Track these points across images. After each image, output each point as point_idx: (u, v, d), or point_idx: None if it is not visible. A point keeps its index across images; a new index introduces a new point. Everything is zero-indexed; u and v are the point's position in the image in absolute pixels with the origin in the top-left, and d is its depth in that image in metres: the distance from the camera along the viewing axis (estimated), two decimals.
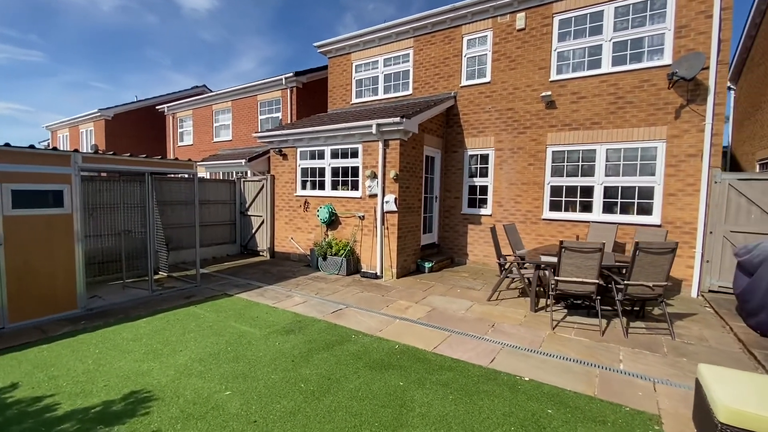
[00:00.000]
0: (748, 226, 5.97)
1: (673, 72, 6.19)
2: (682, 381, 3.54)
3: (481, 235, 8.52)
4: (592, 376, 3.63)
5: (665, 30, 6.54)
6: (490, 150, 8.34)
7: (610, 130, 7.02)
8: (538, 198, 7.80)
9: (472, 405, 3.08)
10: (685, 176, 6.46)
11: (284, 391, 3.24)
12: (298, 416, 2.90)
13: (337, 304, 5.68)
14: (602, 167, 7.16)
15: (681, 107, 6.44)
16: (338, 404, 3.07)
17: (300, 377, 3.49)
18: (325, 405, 3.05)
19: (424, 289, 6.62)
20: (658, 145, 6.67)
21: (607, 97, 7.04)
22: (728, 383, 2.50)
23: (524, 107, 7.87)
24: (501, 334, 4.63)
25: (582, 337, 4.61)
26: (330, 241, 7.77)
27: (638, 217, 6.89)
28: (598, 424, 2.86)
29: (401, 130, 6.97)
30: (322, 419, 2.87)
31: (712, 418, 2.36)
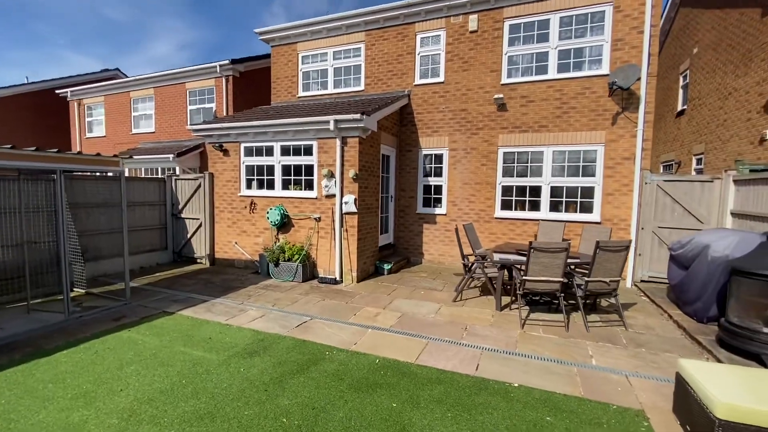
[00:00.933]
0: (673, 222, 6.72)
1: (612, 81, 6.72)
2: (649, 372, 3.78)
3: (436, 234, 8.55)
4: (573, 375, 3.71)
5: (603, 42, 7.08)
6: (444, 150, 8.39)
7: (556, 133, 7.44)
8: (491, 197, 8.03)
9: (473, 421, 2.93)
10: (621, 177, 7.08)
11: (264, 430, 2.79)
12: None
13: (300, 316, 5.21)
14: (549, 168, 7.58)
15: (617, 114, 7.04)
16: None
17: (279, 410, 3.04)
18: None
19: (387, 292, 6.40)
20: (598, 149, 7.23)
21: (553, 102, 7.44)
22: (715, 378, 2.66)
23: (477, 108, 8.02)
24: (476, 338, 4.59)
25: (550, 334, 4.76)
26: (282, 246, 7.18)
27: (581, 215, 7.42)
28: (596, 426, 2.89)
29: (361, 128, 6.64)
30: None
31: (707, 414, 2.47)
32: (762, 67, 7.39)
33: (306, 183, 7.34)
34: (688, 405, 2.77)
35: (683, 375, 2.90)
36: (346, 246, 6.95)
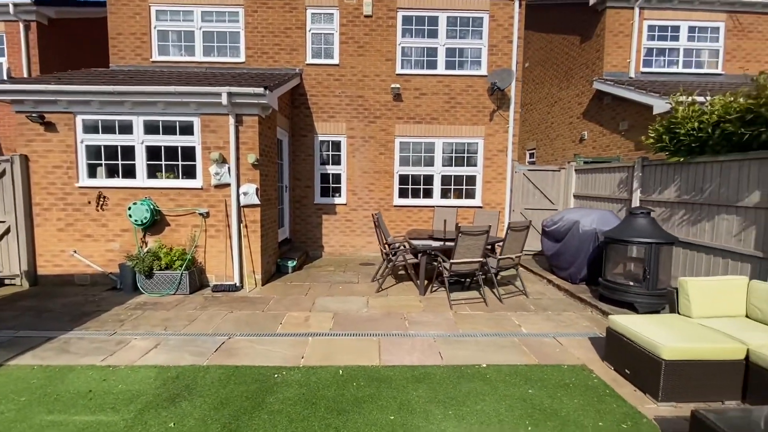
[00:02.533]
0: (535, 204, 8.17)
1: (493, 82, 7.63)
2: (566, 331, 4.47)
3: (336, 225, 8.17)
4: (518, 345, 4.07)
5: (482, 46, 7.94)
6: (342, 137, 8.03)
7: (446, 126, 8.03)
8: (389, 186, 8.14)
9: (475, 414, 2.86)
10: (497, 167, 8.18)
11: None
12: None
13: (212, 337, 4.14)
14: (440, 158, 8.15)
15: (494, 111, 8.05)
16: None
17: None
18: None
19: (303, 293, 5.75)
20: (479, 141, 8.14)
21: (443, 96, 7.98)
22: (646, 328, 3.28)
23: (374, 96, 7.93)
24: (419, 325, 4.56)
25: (476, 310, 5.12)
26: (156, 251, 5.58)
27: (467, 200, 8.27)
28: (566, 387, 3.22)
29: (262, 104, 5.66)
30: None
31: (652, 357, 3.03)
32: (581, 82, 9.68)
33: (185, 170, 5.87)
34: (626, 353, 3.36)
35: (616, 329, 3.50)
36: (246, 245, 5.90)
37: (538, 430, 2.67)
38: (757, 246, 4.08)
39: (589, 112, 9.31)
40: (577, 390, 3.19)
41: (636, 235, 4.70)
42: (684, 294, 3.66)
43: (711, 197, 4.66)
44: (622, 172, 6.33)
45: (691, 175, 4.95)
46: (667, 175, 5.37)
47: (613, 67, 8.58)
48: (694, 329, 3.26)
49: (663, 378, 2.97)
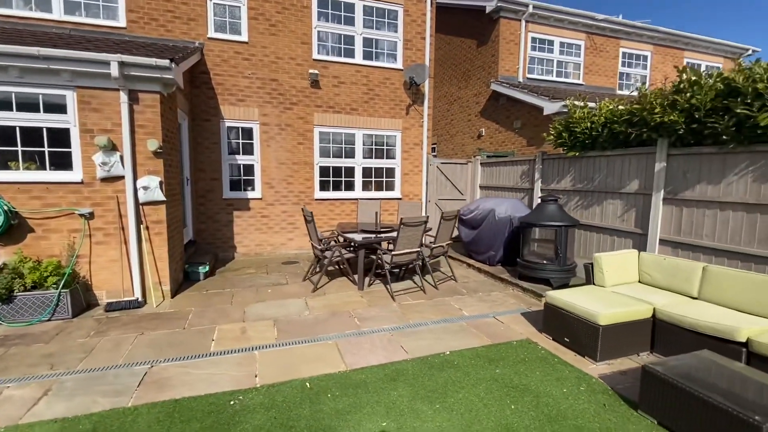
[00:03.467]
0: (447, 195, 8.71)
1: (411, 76, 7.80)
2: (500, 309, 4.88)
3: (251, 222, 7.37)
4: (468, 328, 4.28)
5: (397, 40, 8.04)
6: (255, 123, 7.23)
7: (365, 117, 7.93)
8: (310, 178, 7.69)
9: (460, 402, 2.88)
10: (413, 160, 8.45)
11: None
12: None
13: (127, 369, 3.29)
14: (361, 150, 8.03)
15: (409, 106, 8.26)
16: None
17: None
18: None
19: (227, 301, 5.03)
20: (397, 134, 8.28)
21: (362, 87, 7.85)
22: (579, 299, 3.77)
23: (290, 81, 7.33)
24: (371, 321, 4.42)
25: (417, 299, 5.22)
26: (16, 266, 4.17)
27: (387, 192, 8.36)
28: (522, 362, 3.50)
29: (165, 80, 4.68)
30: None
31: (590, 324, 3.50)
32: (478, 83, 10.62)
33: (55, 159, 4.50)
34: (564, 324, 3.81)
35: (554, 303, 3.93)
36: (149, 250, 4.86)
37: (520, 406, 2.83)
38: (637, 224, 5.08)
39: (486, 110, 10.32)
40: (533, 363, 3.49)
41: (548, 220, 5.38)
42: (598, 267, 4.33)
43: (600, 185, 5.62)
44: (524, 165, 7.19)
45: (583, 167, 5.88)
46: (563, 167, 6.28)
47: (506, 71, 9.66)
48: (614, 297, 3.88)
49: (600, 341, 3.47)
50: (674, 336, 3.49)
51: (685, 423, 2.46)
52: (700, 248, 4.35)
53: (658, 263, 4.26)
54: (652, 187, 4.82)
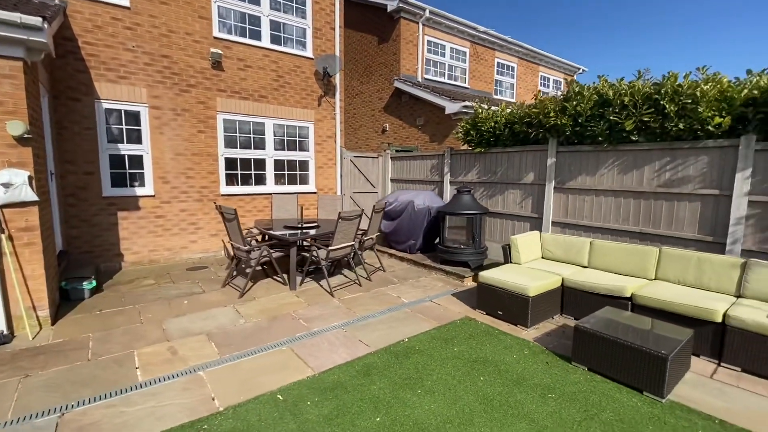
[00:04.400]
0: (360, 188, 8.82)
1: (324, 67, 7.58)
2: (433, 293, 5.24)
3: (143, 225, 6.20)
4: (415, 314, 4.50)
5: (307, 27, 7.71)
6: (143, 106, 6.05)
7: (276, 106, 7.42)
8: (214, 171, 6.84)
9: (438, 384, 3.05)
10: (327, 153, 8.29)
11: None
12: None
13: (28, 424, 2.48)
14: (271, 141, 7.49)
15: (321, 97, 8.05)
16: None
17: None
18: None
19: (134, 320, 4.18)
20: (309, 126, 7.99)
21: (270, 73, 7.30)
22: (508, 277, 4.33)
23: (186, 59, 6.35)
24: (318, 321, 4.26)
25: (355, 292, 5.22)
26: None
27: (301, 186, 8.02)
28: (471, 338, 3.87)
29: (31, 43, 3.55)
30: None
31: (522, 297, 4.07)
32: (380, 80, 10.91)
33: None
34: (497, 299, 4.33)
35: (487, 282, 4.43)
36: (15, 267, 3.68)
37: (487, 377, 3.15)
38: (533, 210, 6.04)
39: (389, 107, 10.74)
40: (481, 338, 3.90)
41: (465, 208, 5.98)
42: (515, 248, 5.03)
43: (502, 177, 6.47)
44: (434, 160, 7.78)
45: (488, 161, 6.68)
46: (470, 162, 7.01)
47: (407, 70, 10.19)
48: (532, 272, 4.57)
49: (530, 310, 4.07)
50: (578, 299, 4.32)
51: (609, 365, 3.11)
52: (582, 227, 5.44)
53: (556, 241, 5.18)
54: (545, 178, 5.79)
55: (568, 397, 2.87)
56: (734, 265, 3.76)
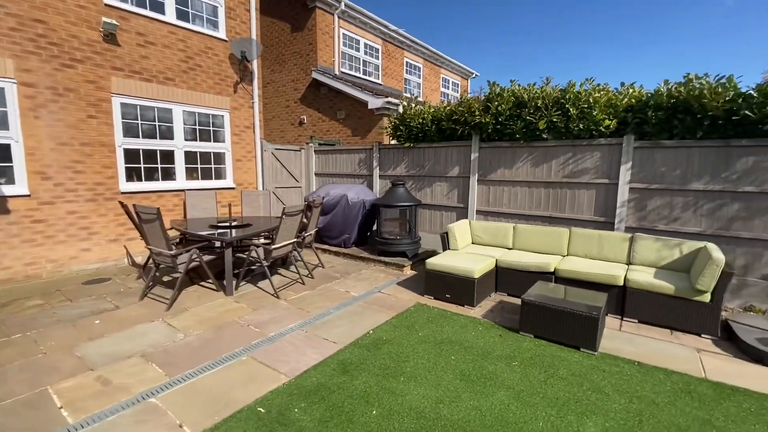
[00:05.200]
0: (283, 183, 8.38)
1: (242, 51, 6.94)
2: (380, 284, 5.34)
3: (15, 232, 4.88)
4: (370, 306, 4.53)
5: (218, 5, 6.95)
6: (9, 82, 4.72)
7: (185, 91, 6.55)
8: (111, 165, 5.74)
9: (418, 368, 3.16)
10: (246, 144, 7.66)
11: None
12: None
13: None
14: (181, 130, 6.60)
15: (237, 83, 7.37)
16: None
17: None
18: None
19: (33, 351, 3.33)
20: (225, 114, 7.26)
21: (178, 53, 6.40)
22: (453, 262, 4.66)
23: (68, 28, 5.15)
24: (271, 325, 3.99)
25: (300, 291, 5.01)
26: None
27: (217, 181, 7.26)
28: (433, 320, 4.08)
29: None
30: None
31: (468, 279, 4.43)
32: (295, 69, 10.40)
33: None
34: (445, 283, 4.63)
35: (435, 269, 4.70)
36: None
37: (457, 355, 3.37)
38: (459, 201, 6.57)
39: (307, 98, 10.36)
40: (439, 320, 4.13)
41: (401, 200, 6.19)
42: (452, 235, 5.42)
43: (430, 171, 6.87)
44: (362, 153, 7.83)
45: (416, 155, 7.01)
46: (398, 156, 7.26)
47: (324, 62, 9.97)
48: (470, 256, 4.99)
49: (476, 292, 4.46)
50: (510, 277, 4.89)
51: (552, 330, 3.62)
52: (502, 214, 6.13)
53: (484, 227, 5.75)
54: (469, 171, 6.34)
55: (528, 362, 3.27)
56: (624, 239, 4.72)
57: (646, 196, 4.96)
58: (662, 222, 4.89)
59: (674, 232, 4.77)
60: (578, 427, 2.45)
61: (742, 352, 3.47)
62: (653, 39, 35.00)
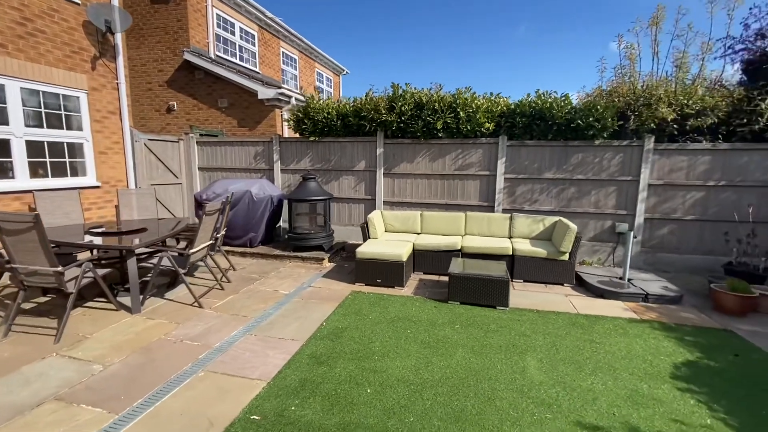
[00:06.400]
0: (159, 179, 7.23)
1: (107, 21, 5.67)
2: (306, 279, 5.35)
3: None
4: (308, 300, 4.54)
5: None
6: None
7: (23, 62, 5.03)
8: None
9: (384, 346, 3.45)
10: (111, 134, 6.33)
11: None
12: None
13: None
14: (20, 113, 5.06)
15: (96, 59, 6.01)
16: None
17: None
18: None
19: None
20: (81, 96, 5.85)
21: (11, 12, 4.85)
22: (383, 248, 5.04)
23: None
24: (210, 336, 3.65)
25: (223, 298, 4.63)
26: None
27: (73, 179, 5.83)
28: (374, 304, 4.40)
29: None
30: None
31: (398, 263, 4.89)
32: (159, 47, 8.83)
33: None
34: (376, 269, 4.99)
35: (365, 257, 5.02)
36: None
37: (412, 329, 3.79)
38: (367, 193, 6.97)
39: (177, 82, 8.99)
40: (380, 303, 4.47)
41: (314, 194, 6.22)
42: (372, 225, 5.79)
43: (336, 165, 7.05)
44: (258, 146, 7.41)
45: (321, 149, 7.07)
46: (301, 150, 7.18)
47: (197, 43, 8.86)
48: (392, 243, 5.47)
49: (404, 273, 4.96)
50: (424, 258, 5.57)
51: (474, 295, 4.40)
52: (406, 204, 6.82)
53: (395, 216, 6.31)
54: (375, 165, 6.80)
55: (466, 323, 3.94)
56: (506, 218, 5.94)
57: (515, 184, 6.33)
58: (527, 203, 6.33)
59: (536, 210, 6.25)
60: (523, 363, 3.18)
61: (590, 292, 4.93)
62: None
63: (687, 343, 3.59)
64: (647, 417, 2.53)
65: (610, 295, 4.74)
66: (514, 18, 39.47)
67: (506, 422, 2.46)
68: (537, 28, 40.76)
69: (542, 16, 38.13)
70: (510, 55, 41.51)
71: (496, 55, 41.27)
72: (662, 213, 5.91)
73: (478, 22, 39.74)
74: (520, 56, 41.91)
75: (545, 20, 37.97)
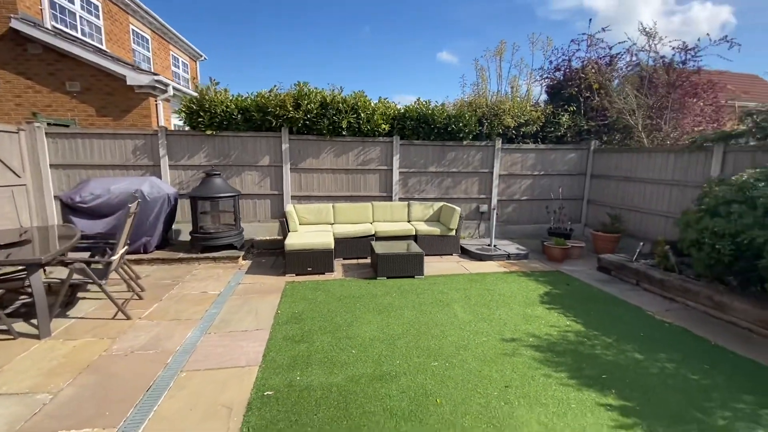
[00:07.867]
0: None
1: None
2: (230, 278, 5.28)
3: None
4: (249, 295, 4.62)
5: None
6: None
7: None
8: None
9: (346, 324, 3.97)
10: None
11: None
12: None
13: None
14: None
15: None
16: None
17: None
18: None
19: None
20: None
21: None
22: (312, 238, 5.41)
23: None
24: (164, 342, 3.52)
25: (149, 307, 4.30)
26: None
27: None
28: (314, 290, 4.81)
29: None
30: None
31: (328, 251, 5.37)
32: None
33: None
34: (305, 259, 5.35)
35: (294, 248, 5.32)
36: None
37: (359, 304, 4.40)
38: (273, 188, 7.05)
39: None
40: (321, 288, 4.90)
41: (221, 191, 6.01)
42: (291, 218, 6.03)
43: (237, 160, 6.87)
44: (138, 140, 6.55)
45: (219, 144, 6.76)
46: (195, 144, 6.71)
47: (27, 9, 7.00)
48: (314, 233, 5.86)
49: (333, 260, 5.48)
50: (344, 244, 6.17)
51: (397, 269, 5.27)
52: (314, 197, 7.22)
53: (308, 209, 6.67)
54: (281, 161, 6.96)
55: (400, 292, 4.78)
56: (404, 206, 7.02)
57: (407, 177, 7.49)
58: (417, 193, 7.58)
59: (424, 198, 7.55)
60: (452, 311, 4.21)
61: (473, 258, 6.43)
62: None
63: (540, 281, 5.29)
64: (537, 327, 3.86)
65: (486, 257, 6.32)
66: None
67: (461, 348, 3.40)
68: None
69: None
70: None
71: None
72: (507, 195, 7.99)
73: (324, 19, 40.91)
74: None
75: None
